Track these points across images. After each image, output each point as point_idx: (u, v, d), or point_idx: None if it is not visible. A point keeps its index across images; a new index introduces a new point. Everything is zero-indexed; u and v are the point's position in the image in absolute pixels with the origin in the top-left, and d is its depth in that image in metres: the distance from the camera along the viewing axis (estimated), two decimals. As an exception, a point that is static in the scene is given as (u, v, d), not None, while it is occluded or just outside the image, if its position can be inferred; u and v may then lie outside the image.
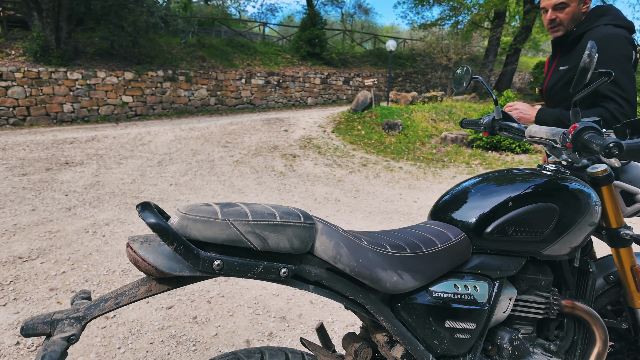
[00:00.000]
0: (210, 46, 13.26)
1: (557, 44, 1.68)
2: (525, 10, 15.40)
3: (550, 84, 1.67)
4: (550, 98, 1.67)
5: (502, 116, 1.46)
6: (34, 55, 9.11)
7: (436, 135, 9.66)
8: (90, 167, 5.59)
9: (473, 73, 1.59)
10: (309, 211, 4.35)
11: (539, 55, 37.44)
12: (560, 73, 1.63)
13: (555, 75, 1.65)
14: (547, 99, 1.71)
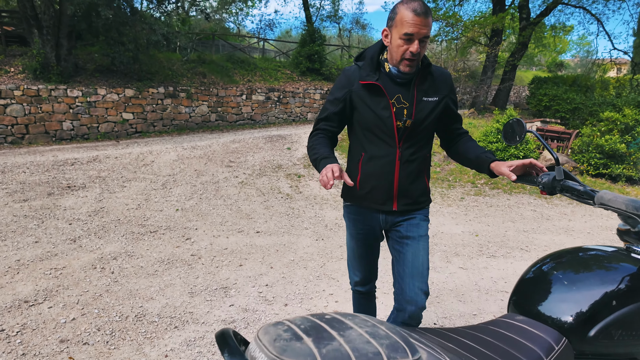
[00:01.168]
0: (210, 62, 13.23)
1: (400, 77, 1.57)
2: (522, 27, 15.59)
3: (420, 116, 1.59)
4: (418, 130, 1.61)
5: (563, 176, 1.39)
6: (33, 73, 9.00)
7: (439, 152, 9.63)
8: (93, 191, 5.45)
9: (526, 126, 1.52)
10: (322, 239, 4.25)
11: (532, 69, 37.97)
12: (430, 104, 1.61)
13: (425, 106, 1.60)
14: (410, 131, 1.60)
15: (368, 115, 1.60)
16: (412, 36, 1.43)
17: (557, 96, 14.69)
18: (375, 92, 1.57)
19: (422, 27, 1.43)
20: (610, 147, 7.97)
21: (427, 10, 1.43)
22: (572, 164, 8.40)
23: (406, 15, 1.42)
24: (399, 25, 1.44)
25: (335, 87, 1.66)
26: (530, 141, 8.71)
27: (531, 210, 5.80)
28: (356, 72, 1.61)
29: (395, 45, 1.49)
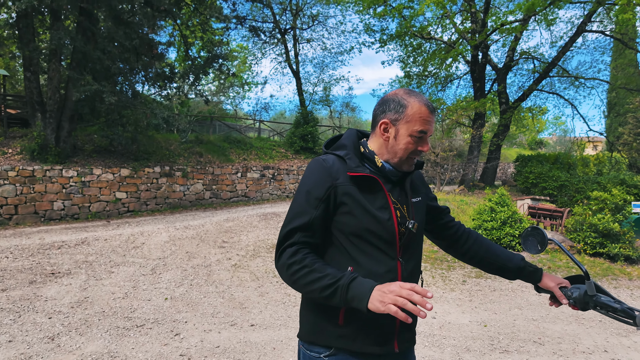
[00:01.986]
0: (207, 142, 13.63)
1: (394, 174, 1.34)
2: (502, 110, 16.67)
3: (419, 218, 1.37)
4: (419, 235, 1.37)
5: (595, 291, 1.31)
6: (31, 154, 9.10)
7: (434, 230, 9.60)
8: (78, 278, 5.16)
9: (547, 235, 1.48)
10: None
11: (515, 147, 39.92)
12: (419, 205, 1.40)
13: (417, 208, 1.38)
14: (411, 239, 1.31)
15: (361, 216, 1.22)
16: (425, 134, 1.27)
17: (543, 174, 15.20)
18: (370, 187, 1.26)
19: (432, 125, 1.30)
20: (604, 226, 8.02)
21: (435, 108, 1.34)
22: (569, 242, 8.37)
23: (423, 111, 1.24)
24: (412, 121, 1.24)
25: (308, 182, 1.25)
26: (524, 220, 8.76)
27: (536, 295, 5.59)
28: (338, 163, 1.27)
29: (402, 142, 1.27)
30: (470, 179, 15.65)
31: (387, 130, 1.29)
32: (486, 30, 13.39)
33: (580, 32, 15.40)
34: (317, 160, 1.30)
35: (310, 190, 1.24)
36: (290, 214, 1.25)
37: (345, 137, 1.39)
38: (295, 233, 1.21)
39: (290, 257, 1.18)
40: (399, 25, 16.41)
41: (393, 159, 1.30)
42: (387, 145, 1.30)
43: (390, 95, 1.32)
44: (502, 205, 8.86)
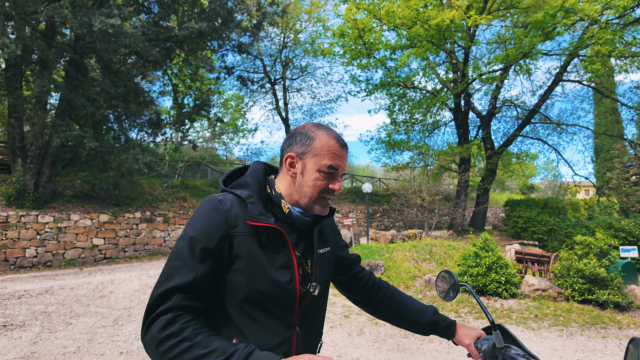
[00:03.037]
0: (193, 187, 13.58)
1: (302, 222, 1.17)
2: (488, 156, 16.94)
3: (324, 277, 1.19)
4: (323, 297, 1.21)
5: (503, 342, 1.18)
6: (7, 199, 8.95)
7: (419, 276, 9.31)
8: (30, 331, 4.84)
9: (458, 280, 1.38)
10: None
11: (507, 192, 40.23)
12: (327, 257, 1.23)
13: (325, 262, 1.21)
14: (313, 301, 1.14)
15: (256, 278, 1.02)
16: (336, 171, 1.12)
17: (532, 218, 15.15)
18: (272, 241, 1.05)
19: (345, 161, 1.16)
20: (591, 272, 7.82)
21: (346, 144, 1.19)
22: (556, 289, 8.12)
23: (332, 145, 1.11)
24: (320, 154, 1.11)
25: (197, 227, 1.02)
26: (510, 265, 8.56)
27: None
28: (237, 206, 1.06)
29: (310, 179, 1.11)
30: (459, 223, 15.54)
31: (293, 165, 1.14)
32: (466, 80, 13.93)
33: (558, 81, 16.06)
34: (211, 200, 1.07)
35: (198, 237, 0.99)
36: (167, 268, 0.98)
37: (250, 172, 1.18)
38: (172, 295, 0.93)
39: (163, 328, 0.89)
40: (384, 76, 17.07)
41: (302, 199, 1.13)
42: (294, 183, 1.14)
43: (298, 129, 1.19)
44: (487, 250, 8.71)
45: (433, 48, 13.14)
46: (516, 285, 8.31)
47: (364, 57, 15.29)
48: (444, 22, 10.71)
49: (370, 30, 14.15)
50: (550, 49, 15.51)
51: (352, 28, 13.85)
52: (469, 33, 13.51)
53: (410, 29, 12.15)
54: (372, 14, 13.64)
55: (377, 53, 16.18)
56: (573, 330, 6.18)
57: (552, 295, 7.94)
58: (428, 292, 8.28)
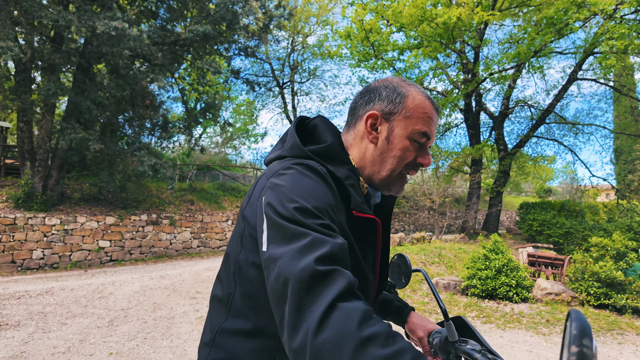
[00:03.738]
0: (201, 190, 13.61)
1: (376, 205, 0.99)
2: (500, 157, 16.52)
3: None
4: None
5: (457, 336, 0.99)
6: (15, 202, 9.09)
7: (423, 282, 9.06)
8: (24, 331, 4.81)
9: (411, 265, 1.21)
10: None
11: (522, 195, 39.31)
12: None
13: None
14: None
15: (360, 277, 0.83)
16: (428, 140, 0.90)
17: (547, 221, 14.66)
18: (367, 234, 0.85)
19: (435, 129, 0.93)
20: (607, 275, 7.45)
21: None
22: (570, 293, 7.75)
23: (427, 106, 0.88)
24: (413, 117, 0.87)
25: (316, 200, 0.71)
26: (521, 268, 8.24)
27: (527, 351, 5.02)
28: (332, 183, 0.80)
29: (397, 147, 0.87)
30: (471, 226, 15.15)
31: (376, 128, 0.89)
32: (477, 79, 13.63)
33: (572, 80, 15.59)
34: (317, 170, 0.78)
35: (321, 210, 0.70)
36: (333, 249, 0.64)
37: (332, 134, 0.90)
38: (352, 286, 0.61)
39: (363, 321, 0.55)
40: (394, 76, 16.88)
41: (380, 172, 0.89)
42: (374, 152, 0.89)
43: (380, 82, 0.93)
44: (497, 252, 8.40)
45: (441, 47, 12.92)
46: (528, 289, 7.97)
47: (372, 58, 15.15)
48: (450, 20, 10.50)
49: (377, 32, 14.01)
50: (565, 47, 15.06)
51: (358, 29, 13.75)
52: (479, 32, 13.24)
53: (417, 28, 11.97)
54: (379, 15, 13.52)
55: (385, 54, 16.03)
56: (587, 336, 5.85)
57: (565, 300, 7.58)
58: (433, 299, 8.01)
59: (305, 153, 0.83)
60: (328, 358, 0.52)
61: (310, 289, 0.58)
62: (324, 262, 0.61)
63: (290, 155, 0.85)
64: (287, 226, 0.66)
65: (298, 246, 0.63)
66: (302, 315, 0.57)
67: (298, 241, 0.64)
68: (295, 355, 0.56)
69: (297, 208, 0.68)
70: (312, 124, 0.94)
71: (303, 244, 0.63)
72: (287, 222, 0.67)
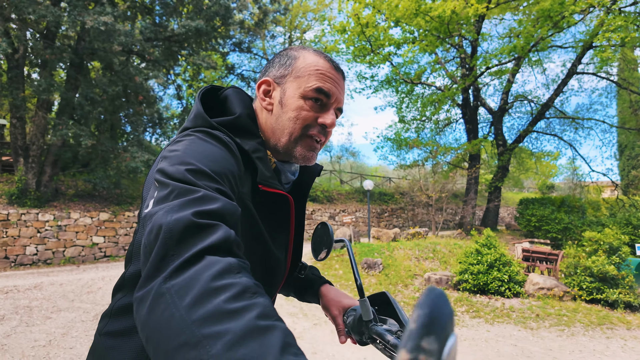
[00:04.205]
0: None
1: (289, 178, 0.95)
2: (499, 152, 16.41)
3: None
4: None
5: (372, 315, 0.89)
6: (9, 198, 9.13)
7: (420, 275, 9.01)
8: (7, 325, 4.83)
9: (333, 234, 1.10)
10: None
11: (524, 191, 39.09)
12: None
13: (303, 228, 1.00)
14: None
15: (257, 254, 0.79)
16: (328, 98, 0.84)
17: (545, 216, 14.56)
18: (277, 210, 0.84)
19: (341, 90, 0.87)
20: (599, 269, 7.38)
21: (343, 70, 0.91)
22: (563, 288, 7.69)
23: (321, 64, 0.84)
24: (304, 75, 0.83)
25: (215, 165, 0.66)
26: (514, 263, 8.18)
27: (511, 345, 4.98)
28: (239, 155, 0.76)
29: (291, 108, 0.83)
30: (468, 221, 15.07)
31: (269, 94, 0.87)
32: (474, 73, 13.52)
33: (572, 74, 15.42)
34: (220, 138, 0.74)
35: (218, 172, 0.66)
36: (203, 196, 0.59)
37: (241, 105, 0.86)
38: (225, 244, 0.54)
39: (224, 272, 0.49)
40: (390, 72, 16.80)
41: (280, 140, 0.85)
42: (271, 119, 0.86)
43: (279, 53, 0.92)
44: (489, 247, 8.35)
45: (437, 42, 12.81)
46: (520, 284, 7.92)
47: (369, 53, 15.06)
48: (445, 13, 10.41)
49: (373, 26, 13.92)
50: (565, 41, 14.91)
51: (355, 23, 13.66)
52: (476, 25, 13.11)
53: (412, 21, 11.87)
54: (375, 9, 13.43)
55: (382, 49, 15.94)
56: (576, 330, 5.80)
57: (557, 295, 7.52)
58: (427, 291, 7.97)
59: (210, 123, 0.78)
60: (168, 304, 0.44)
61: (181, 240, 0.51)
62: (205, 216, 0.55)
63: (193, 125, 0.79)
64: (175, 185, 0.59)
65: (182, 200, 0.56)
66: (162, 266, 0.49)
67: (183, 197, 0.57)
68: (137, 304, 0.48)
69: (190, 170, 0.61)
70: (223, 95, 0.90)
71: (188, 198, 0.57)
72: (175, 181, 0.60)
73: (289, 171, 0.91)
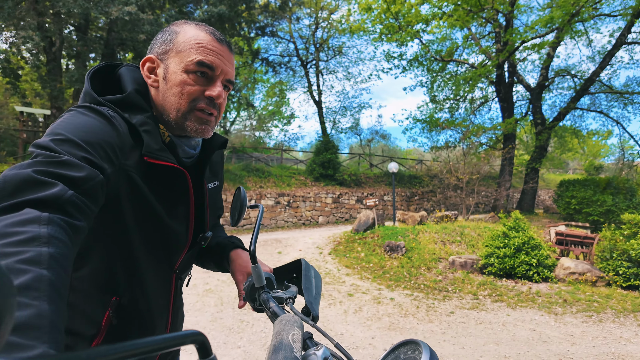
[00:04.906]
0: (226, 171, 13.98)
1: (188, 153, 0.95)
2: (537, 132, 15.54)
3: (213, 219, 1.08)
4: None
5: (265, 282, 0.86)
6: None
7: (445, 258, 8.83)
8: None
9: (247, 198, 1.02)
10: (247, 361, 3.63)
11: (569, 172, 36.91)
12: (215, 194, 1.07)
13: (214, 199, 1.06)
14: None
15: (147, 224, 0.82)
16: (211, 70, 0.84)
17: (586, 198, 13.72)
18: (170, 183, 0.85)
19: (227, 62, 0.86)
20: (638, 254, 6.90)
21: (229, 42, 0.90)
22: (597, 273, 7.28)
23: (202, 37, 0.84)
24: (185, 49, 0.83)
25: (88, 135, 0.68)
26: (543, 247, 7.82)
27: (530, 330, 4.81)
28: (125, 129, 0.78)
29: (175, 82, 0.83)
30: (502, 204, 14.50)
31: (154, 71, 0.87)
32: (508, 48, 12.77)
33: (620, 45, 14.19)
34: (98, 110, 0.75)
35: (90, 142, 0.68)
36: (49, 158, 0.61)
37: (132, 83, 0.87)
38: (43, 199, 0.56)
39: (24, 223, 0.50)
40: (420, 50, 16.23)
41: (170, 114, 0.85)
42: (158, 96, 0.86)
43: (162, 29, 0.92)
44: (517, 230, 8.02)
45: (468, 16, 12.17)
46: (550, 268, 7.58)
47: (396, 31, 14.60)
48: (474, -16, 9.82)
49: (401, 2, 13.43)
50: (613, 9, 13.65)
51: (382, 0, 13.25)
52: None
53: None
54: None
55: (411, 27, 15.39)
56: (605, 317, 5.50)
57: (590, 280, 7.14)
58: (450, 274, 7.83)
59: (97, 100, 0.80)
60: None
61: (14, 191, 0.53)
62: (47, 175, 0.56)
63: (81, 103, 0.80)
64: (38, 152, 0.61)
65: (32, 161, 0.58)
66: None
67: (36, 159, 0.59)
68: None
69: (56, 139, 0.63)
70: (118, 73, 0.91)
71: (39, 160, 0.59)
72: (40, 149, 0.62)
73: (188, 145, 0.92)
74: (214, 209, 1.07)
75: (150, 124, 0.82)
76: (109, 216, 0.76)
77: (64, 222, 0.54)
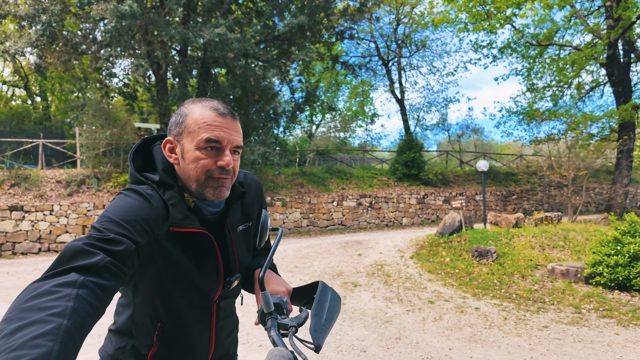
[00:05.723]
0: (310, 174, 14.53)
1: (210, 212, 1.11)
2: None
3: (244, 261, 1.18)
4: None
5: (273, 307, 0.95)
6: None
7: (543, 265, 8.00)
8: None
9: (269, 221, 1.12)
10: (321, 361, 3.79)
11: None
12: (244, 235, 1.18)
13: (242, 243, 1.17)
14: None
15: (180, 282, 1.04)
16: (219, 144, 0.99)
17: None
18: (197, 245, 1.03)
19: (232, 132, 1.01)
20: None
21: (233, 112, 1.05)
22: None
23: (207, 116, 0.99)
24: (195, 130, 0.99)
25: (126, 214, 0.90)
26: None
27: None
28: (160, 204, 0.97)
29: (191, 159, 1.00)
30: (619, 204, 12.57)
31: (174, 151, 1.04)
32: (622, 24, 11.05)
33: None
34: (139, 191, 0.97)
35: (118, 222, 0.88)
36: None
37: (161, 162, 1.06)
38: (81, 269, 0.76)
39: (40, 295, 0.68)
40: (512, 36, 14.88)
41: (191, 185, 1.02)
42: (180, 171, 1.04)
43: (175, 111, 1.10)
44: (633, 235, 6.95)
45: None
46: (679, 281, 6.40)
47: (483, 18, 13.61)
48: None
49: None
50: None
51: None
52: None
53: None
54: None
55: (502, 12, 14.18)
56: None
57: None
58: (548, 284, 7.10)
59: (139, 180, 1.04)
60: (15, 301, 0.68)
61: (69, 258, 0.76)
62: (96, 247, 0.79)
63: (130, 182, 1.06)
64: (90, 232, 0.86)
65: (88, 236, 0.83)
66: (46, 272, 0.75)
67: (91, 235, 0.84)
68: None
69: (104, 221, 0.87)
70: (152, 151, 1.11)
71: (93, 235, 0.83)
72: (92, 229, 0.87)
73: (211, 205, 1.09)
74: (245, 250, 1.19)
75: (175, 197, 1.01)
76: (147, 271, 1.01)
77: (93, 284, 0.74)
